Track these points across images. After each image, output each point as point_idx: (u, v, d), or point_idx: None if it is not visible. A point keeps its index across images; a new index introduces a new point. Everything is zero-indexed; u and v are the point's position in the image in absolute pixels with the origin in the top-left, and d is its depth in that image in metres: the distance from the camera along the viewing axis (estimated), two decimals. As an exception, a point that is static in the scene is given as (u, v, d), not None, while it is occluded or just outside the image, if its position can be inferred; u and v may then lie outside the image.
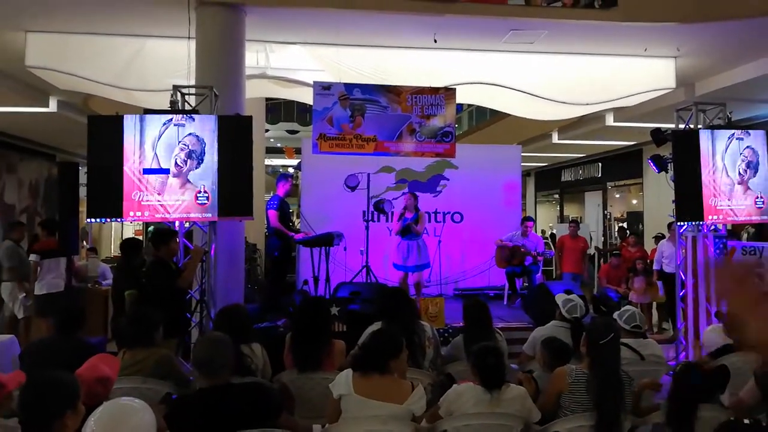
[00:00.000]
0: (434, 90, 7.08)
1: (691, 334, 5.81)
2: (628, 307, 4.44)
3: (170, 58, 6.39)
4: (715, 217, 5.80)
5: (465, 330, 4.26)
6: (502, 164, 9.56)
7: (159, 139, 5.04)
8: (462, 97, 7.68)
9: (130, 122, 5.03)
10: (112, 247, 13.62)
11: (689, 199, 5.73)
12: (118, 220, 5.33)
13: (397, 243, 7.67)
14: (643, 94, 7.66)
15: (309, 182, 9.06)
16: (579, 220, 10.85)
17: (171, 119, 5.07)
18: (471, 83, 7.50)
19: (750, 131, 6.03)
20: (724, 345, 4.18)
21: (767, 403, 2.57)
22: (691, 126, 5.97)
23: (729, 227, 6.37)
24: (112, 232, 14.31)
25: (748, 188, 5.91)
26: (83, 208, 5.51)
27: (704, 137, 5.79)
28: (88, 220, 5.25)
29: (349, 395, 2.86)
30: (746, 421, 1.78)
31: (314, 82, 6.93)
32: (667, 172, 6.03)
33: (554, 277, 9.40)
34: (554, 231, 12.32)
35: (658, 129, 6.15)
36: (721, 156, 5.83)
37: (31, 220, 10.70)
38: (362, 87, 6.96)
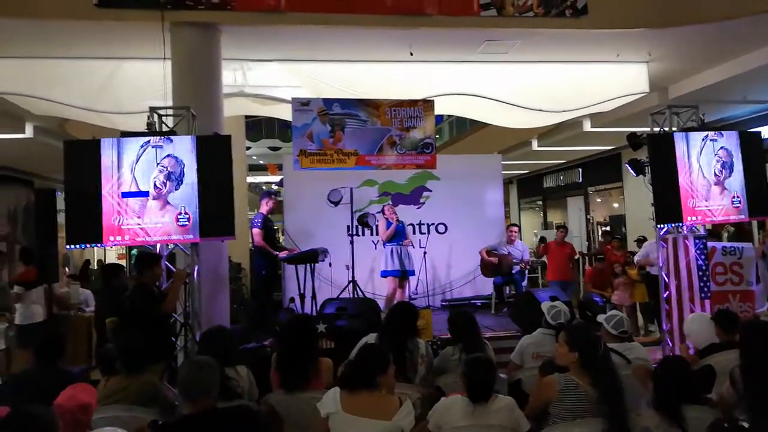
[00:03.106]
0: (413, 102, 7.13)
1: (676, 336, 5.85)
2: (614, 312, 4.46)
3: (146, 79, 6.36)
4: (694, 218, 5.87)
5: (454, 341, 4.24)
6: (484, 173, 9.63)
7: (137, 161, 4.99)
8: (441, 108, 7.74)
9: (107, 145, 4.98)
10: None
11: (667, 201, 5.79)
12: (98, 245, 5.27)
13: (385, 251, 7.67)
14: (618, 99, 7.79)
15: (292, 199, 9.03)
16: (566, 226, 10.91)
17: (149, 141, 5.03)
18: (449, 94, 7.56)
19: (723, 132, 6.14)
20: (711, 344, 4.22)
21: (744, 402, 2.59)
22: (666, 129, 6.05)
23: (708, 228, 6.46)
24: (95, 258, 14.10)
25: (725, 188, 6.00)
26: (63, 234, 5.43)
27: (679, 140, 5.87)
28: (68, 246, 5.16)
29: (337, 413, 2.83)
30: (725, 425, 1.79)
31: (292, 98, 6.94)
32: (645, 176, 6.10)
33: (540, 284, 9.43)
34: (544, 236, 12.39)
35: (634, 133, 6.23)
36: (696, 158, 5.91)
37: (11, 248, 10.50)
38: (341, 102, 6.99)
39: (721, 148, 6.01)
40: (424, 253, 8.36)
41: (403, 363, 3.77)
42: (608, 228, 14.02)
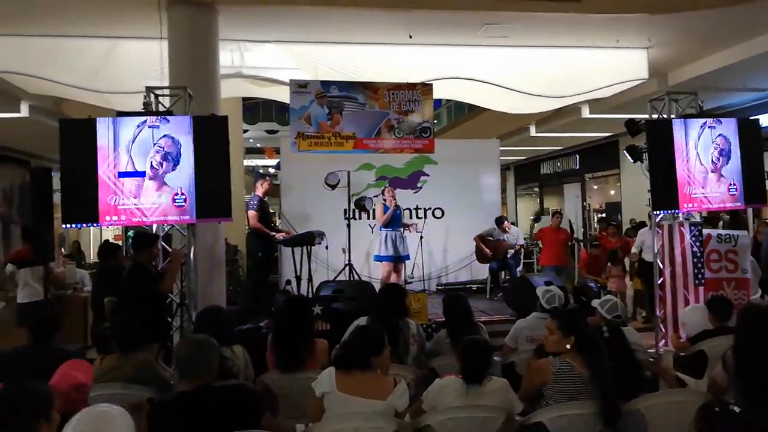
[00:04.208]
0: (411, 86, 7.09)
1: (670, 322, 5.90)
2: (608, 296, 4.50)
3: (142, 59, 6.31)
4: (690, 205, 5.87)
5: (447, 324, 4.29)
6: (481, 158, 9.62)
7: (133, 141, 4.95)
8: (439, 92, 7.70)
9: (103, 125, 4.94)
10: (92, 252, 13.41)
11: (664, 188, 5.78)
12: (94, 224, 5.24)
13: (380, 236, 7.68)
14: (617, 86, 7.76)
15: (289, 181, 9.01)
16: (561, 212, 10.96)
17: (145, 121, 4.98)
18: (447, 78, 7.52)
19: (721, 119, 6.12)
20: (704, 330, 4.26)
21: (736, 385, 2.62)
22: (664, 116, 6.04)
23: (704, 215, 6.47)
24: (91, 238, 14.09)
25: (722, 176, 5.99)
26: (58, 214, 5.41)
27: (677, 126, 5.85)
28: (64, 225, 5.15)
29: (332, 393, 2.85)
30: (716, 408, 1.81)
31: (290, 80, 6.89)
32: (642, 162, 6.10)
33: (535, 269, 9.48)
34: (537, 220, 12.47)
35: (632, 120, 6.21)
36: (694, 145, 5.90)
37: (7, 227, 10.49)
38: (339, 84, 6.95)
39: (719, 135, 5.99)
40: (421, 237, 8.37)
41: (396, 343, 3.80)
42: (604, 215, 14.05)
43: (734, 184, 6.04)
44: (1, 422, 2.05)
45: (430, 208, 9.16)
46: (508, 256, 8.24)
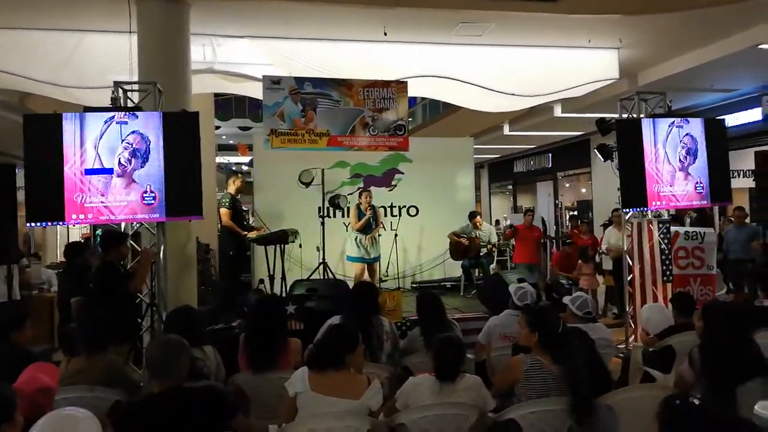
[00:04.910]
0: (386, 83, 7.08)
1: (639, 318, 6.01)
2: (579, 293, 4.56)
3: (110, 53, 6.17)
4: (659, 203, 6.00)
5: (420, 322, 4.30)
6: (456, 157, 9.66)
7: (101, 138, 4.83)
8: (414, 90, 7.70)
9: (69, 121, 4.81)
10: (58, 252, 13.06)
11: (633, 186, 5.89)
12: (60, 223, 5.11)
13: (352, 236, 7.65)
14: (589, 85, 7.87)
15: (262, 179, 8.91)
16: (533, 210, 11.07)
17: (113, 117, 4.87)
18: (422, 76, 7.52)
19: (689, 119, 6.26)
20: (669, 326, 4.35)
21: (701, 380, 2.68)
22: (634, 115, 6.15)
23: (672, 213, 6.62)
24: (57, 237, 13.72)
25: (689, 174, 6.13)
26: (23, 213, 5.26)
27: (646, 126, 5.96)
28: (28, 224, 5.00)
29: (305, 392, 2.83)
30: (677, 401, 1.85)
31: (263, 76, 6.81)
32: (612, 161, 6.20)
33: (509, 266, 9.56)
34: (511, 222, 12.57)
35: (603, 119, 6.32)
36: (662, 144, 6.02)
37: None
38: (313, 81, 6.90)
39: (687, 134, 6.13)
40: (395, 235, 8.37)
41: (370, 341, 3.80)
42: (575, 213, 14.27)
43: (701, 183, 6.18)
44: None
45: (404, 206, 9.16)
46: (480, 254, 8.28)
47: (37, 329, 6.32)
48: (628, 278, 6.18)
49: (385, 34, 6.75)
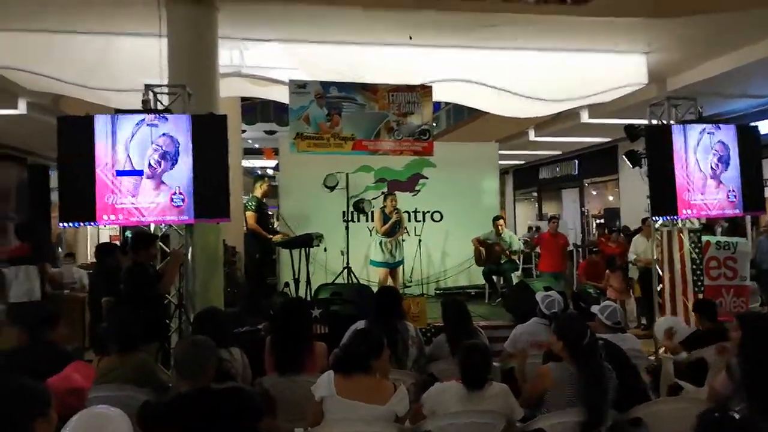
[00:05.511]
0: (411, 88, 7.07)
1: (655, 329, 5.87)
2: (608, 302, 4.49)
3: (141, 56, 6.26)
4: (689, 211, 5.87)
5: (446, 328, 4.27)
6: (480, 162, 9.60)
7: (131, 139, 4.91)
8: (439, 95, 7.68)
9: (101, 123, 4.90)
10: (89, 253, 13.31)
11: (663, 193, 5.78)
12: (91, 223, 5.20)
13: (376, 240, 7.65)
14: (616, 90, 7.75)
15: (287, 183, 8.97)
16: (558, 217, 10.95)
17: (143, 119, 4.95)
18: (447, 80, 7.50)
19: (720, 126, 6.12)
20: (694, 332, 4.29)
21: (741, 392, 2.60)
22: (664, 121, 6.04)
23: (703, 221, 6.48)
24: (88, 238, 13.99)
25: (721, 182, 5.99)
26: (56, 213, 5.37)
27: (676, 132, 5.85)
28: (61, 224, 5.10)
29: (332, 397, 2.83)
30: (715, 415, 1.79)
31: (290, 80, 6.86)
32: (641, 168, 6.10)
33: (534, 275, 9.46)
34: (539, 225, 12.46)
35: (632, 125, 6.22)
36: (693, 150, 5.90)
37: (4, 226, 10.39)
38: (339, 85, 6.92)
39: (719, 141, 6.00)
40: (419, 240, 8.34)
41: (395, 346, 3.78)
42: (602, 221, 14.06)
43: (733, 191, 6.03)
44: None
45: (428, 211, 9.12)
46: (502, 261, 8.19)
47: (69, 328, 6.45)
48: (658, 288, 6.06)
49: (410, 38, 6.75)
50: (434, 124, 7.87)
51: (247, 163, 18.78)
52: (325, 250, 7.65)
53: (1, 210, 10.96)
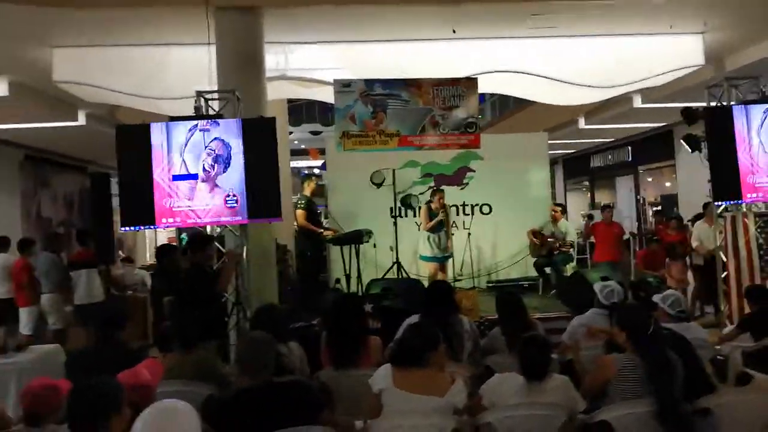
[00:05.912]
0: (455, 81, 7.01)
1: (735, 317, 5.63)
2: (671, 291, 4.35)
3: (192, 64, 6.45)
4: (754, 194, 5.62)
5: (501, 322, 4.22)
6: (529, 153, 9.41)
7: (186, 145, 5.09)
8: (484, 86, 7.58)
9: (156, 130, 5.09)
10: (147, 254, 13.86)
11: (726, 177, 5.57)
12: (152, 227, 5.41)
13: (424, 235, 7.64)
14: (671, 73, 7.45)
15: (335, 181, 9.07)
16: (612, 206, 10.62)
17: (196, 125, 5.12)
18: (492, 72, 7.40)
19: (786, 104, 5.81)
20: (746, 315, 4.20)
21: None
22: (723, 103, 5.79)
23: (769, 205, 6.17)
24: (146, 241, 14.56)
25: (789, 163, 5.69)
26: (117, 218, 5.61)
27: (738, 113, 5.61)
28: (122, 228, 5.33)
29: (389, 389, 2.84)
30: None
31: (334, 80, 6.93)
32: (700, 152, 5.87)
33: (589, 265, 9.22)
34: (591, 214, 12.14)
35: (689, 108, 5.99)
36: (756, 131, 5.65)
37: (68, 232, 10.94)
38: (382, 82, 6.93)
39: (785, 120, 5.69)
40: (469, 234, 8.27)
41: (450, 339, 3.76)
42: (659, 208, 13.57)
43: (802, 172, 5.72)
44: (75, 416, 2.12)
45: (477, 205, 9.02)
46: (555, 253, 8.03)
47: (132, 327, 6.73)
48: (723, 276, 5.81)
49: (454, 32, 6.69)
50: (479, 116, 7.77)
51: (293, 163, 19.06)
52: (375, 246, 7.69)
53: (65, 217, 11.54)
